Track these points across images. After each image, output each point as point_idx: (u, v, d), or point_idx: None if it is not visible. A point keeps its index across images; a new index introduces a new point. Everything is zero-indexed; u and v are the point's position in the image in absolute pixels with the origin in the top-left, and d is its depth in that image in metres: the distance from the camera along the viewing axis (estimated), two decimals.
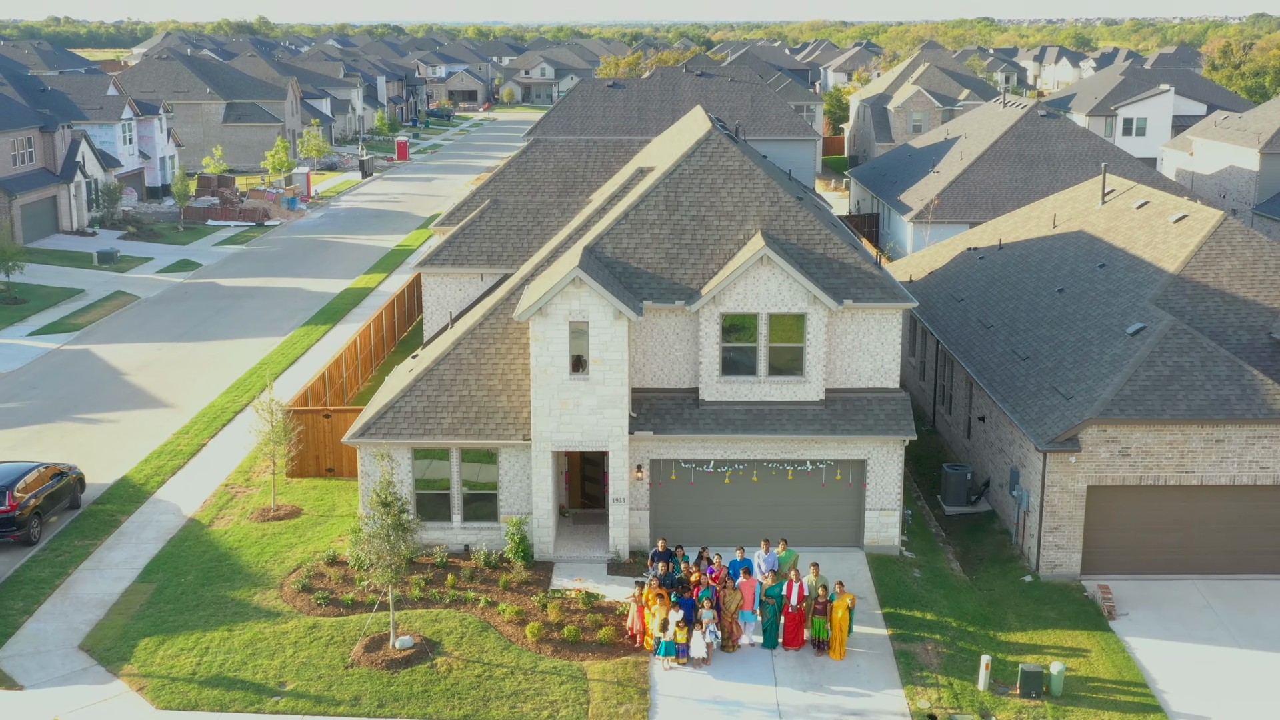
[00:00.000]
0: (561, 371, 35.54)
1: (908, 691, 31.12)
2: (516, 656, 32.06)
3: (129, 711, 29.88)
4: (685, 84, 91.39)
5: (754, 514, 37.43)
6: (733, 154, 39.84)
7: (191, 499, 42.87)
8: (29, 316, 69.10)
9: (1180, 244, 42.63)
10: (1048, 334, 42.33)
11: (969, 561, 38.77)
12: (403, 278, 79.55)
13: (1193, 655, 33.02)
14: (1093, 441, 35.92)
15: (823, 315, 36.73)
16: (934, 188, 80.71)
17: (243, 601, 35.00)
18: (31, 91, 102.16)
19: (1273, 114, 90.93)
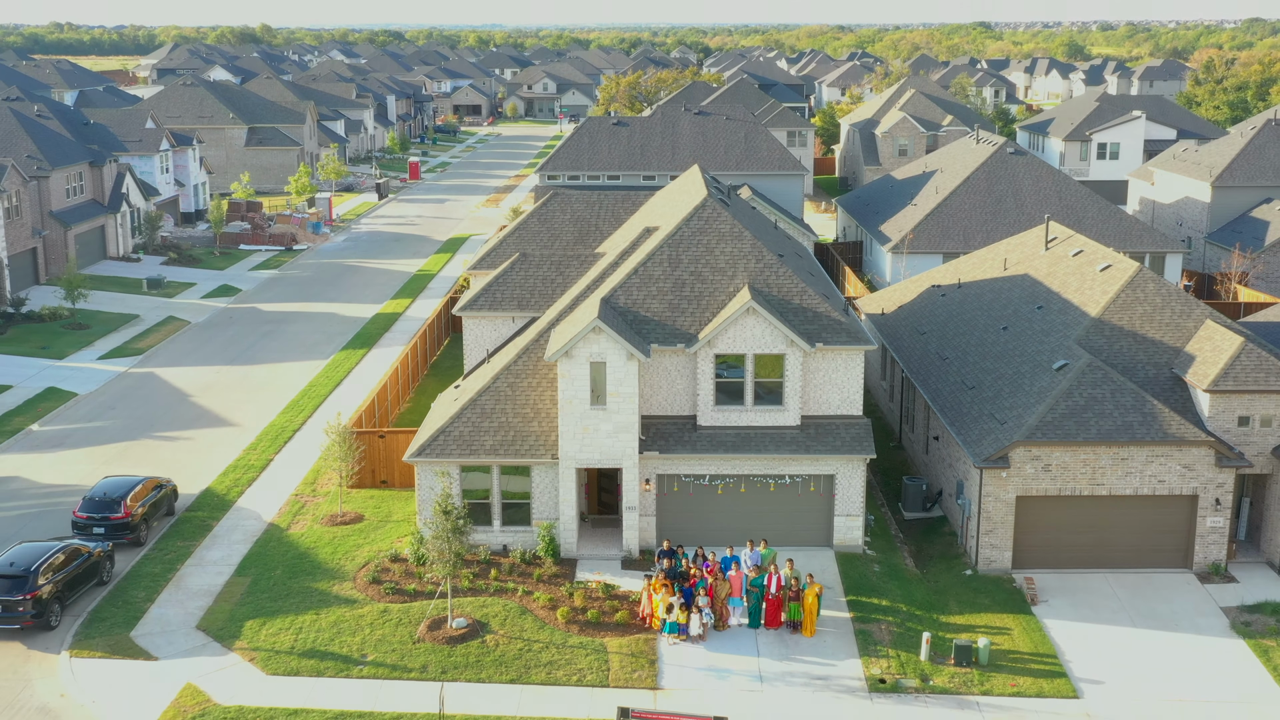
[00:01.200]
0: (583, 403, 43.41)
1: (864, 662, 38.96)
2: (550, 634, 39.90)
3: (246, 677, 37.73)
4: (684, 123, 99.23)
5: (741, 519, 45.28)
6: (724, 218, 47.74)
7: (268, 506, 50.73)
8: (94, 341, 76.90)
9: (1103, 290, 50.47)
10: (991, 366, 50.21)
11: (921, 558, 46.63)
12: (428, 304, 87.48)
13: (1096, 633, 40.87)
14: (1020, 459, 43.79)
15: (799, 355, 44.61)
16: (911, 220, 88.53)
17: (324, 591, 42.87)
18: (75, 125, 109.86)
19: (1225, 149, 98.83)
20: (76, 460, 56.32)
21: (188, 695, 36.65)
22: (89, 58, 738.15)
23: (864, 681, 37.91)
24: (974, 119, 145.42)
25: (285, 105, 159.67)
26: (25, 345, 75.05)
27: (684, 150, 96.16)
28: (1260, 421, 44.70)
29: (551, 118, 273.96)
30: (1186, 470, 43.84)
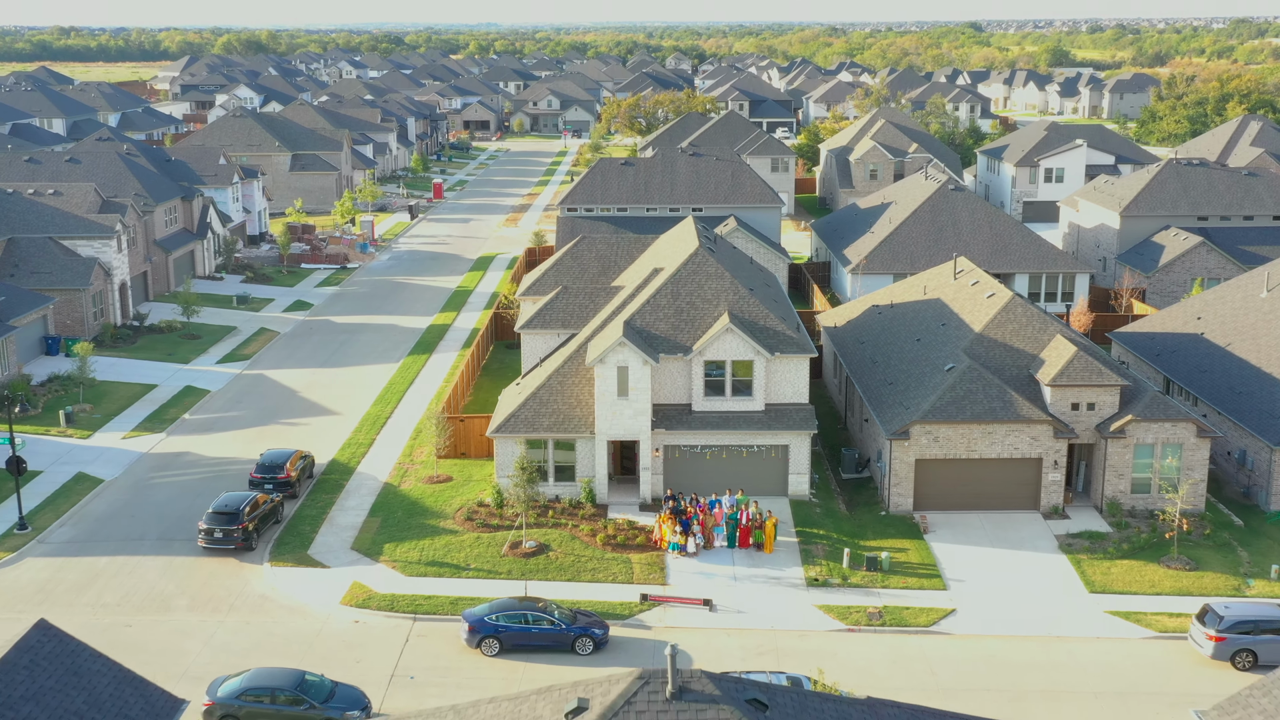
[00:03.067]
0: (612, 395, 62.38)
1: (805, 568, 57.93)
2: (592, 552, 58.84)
3: (391, 577, 56.72)
4: (680, 163, 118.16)
5: (722, 475, 64.20)
6: (710, 263, 66.79)
7: (380, 471, 69.76)
8: (208, 349, 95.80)
9: (986, 313, 69.48)
10: (905, 368, 69.24)
11: (851, 505, 65.66)
12: (471, 316, 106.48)
13: (965, 551, 59.90)
14: (918, 433, 62.82)
15: (763, 361, 63.62)
16: (868, 245, 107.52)
17: (433, 525, 61.88)
18: (160, 162, 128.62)
19: (1134, 183, 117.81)
20: (226, 440, 75.31)
21: (355, 588, 55.66)
22: (98, 64, 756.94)
23: (804, 580, 56.89)
24: (936, 146, 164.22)
25: (323, 134, 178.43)
26: (154, 352, 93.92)
27: (681, 187, 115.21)
28: (1086, 407, 63.71)
29: (555, 132, 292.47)
30: (1034, 440, 62.87)
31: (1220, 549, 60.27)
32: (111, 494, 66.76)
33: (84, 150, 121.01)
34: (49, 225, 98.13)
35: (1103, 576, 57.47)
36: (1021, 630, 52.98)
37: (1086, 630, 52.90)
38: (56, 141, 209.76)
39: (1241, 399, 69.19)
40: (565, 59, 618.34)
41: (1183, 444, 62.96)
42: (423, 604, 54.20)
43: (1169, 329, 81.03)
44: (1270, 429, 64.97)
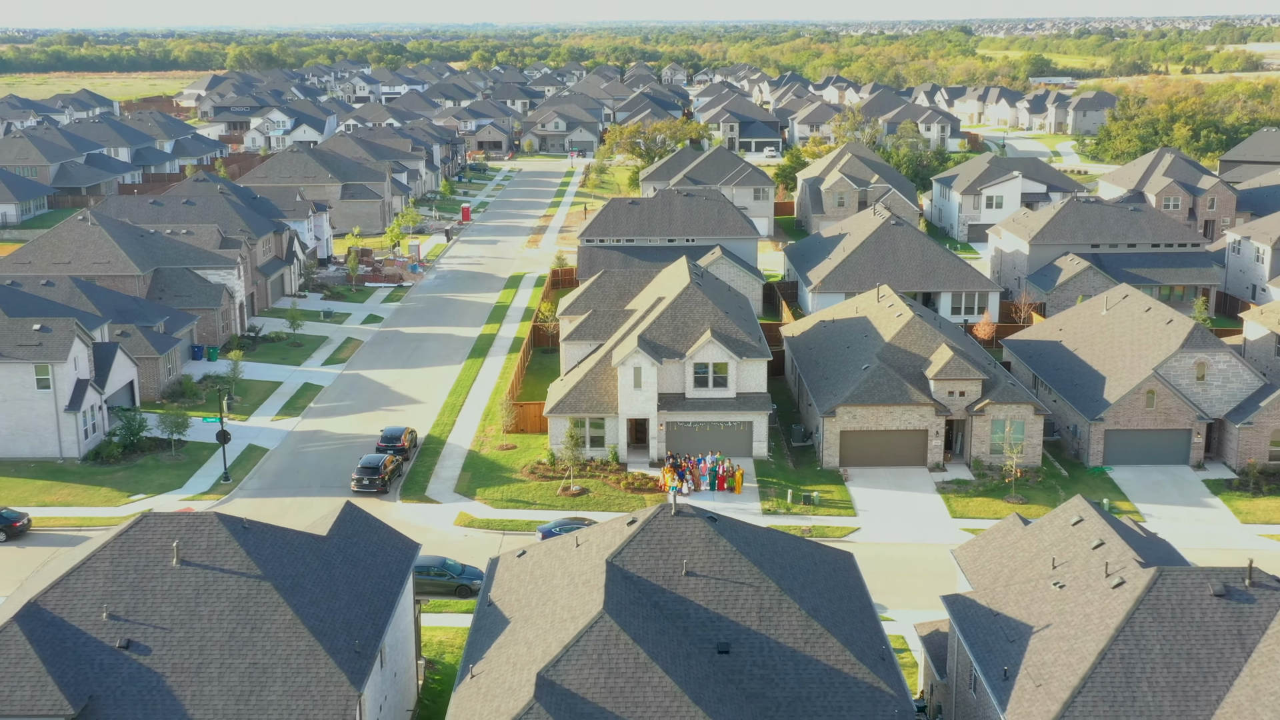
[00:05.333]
0: (631, 386, 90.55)
1: (761, 503, 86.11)
2: (618, 494, 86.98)
3: (484, 508, 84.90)
4: (677, 202, 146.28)
5: (707, 442, 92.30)
6: (699, 295, 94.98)
7: (464, 441, 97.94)
8: (312, 354, 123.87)
9: (894, 328, 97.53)
10: (836, 367, 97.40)
11: (797, 463, 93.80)
12: (512, 326, 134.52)
13: (872, 493, 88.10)
14: (841, 413, 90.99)
15: (735, 363, 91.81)
16: (825, 270, 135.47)
17: (508, 477, 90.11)
18: (247, 198, 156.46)
19: (1043, 216, 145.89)
20: (345, 423, 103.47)
21: (461, 515, 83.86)
22: (111, 74, 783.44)
23: (760, 510, 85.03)
24: (895, 178, 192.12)
25: (367, 165, 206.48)
26: (271, 357, 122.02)
27: (677, 221, 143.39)
28: (959, 394, 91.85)
29: (562, 152, 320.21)
30: (921, 417, 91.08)
31: (1046, 491, 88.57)
32: (277, 458, 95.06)
33: (197, 193, 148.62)
34: (185, 258, 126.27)
35: (962, 507, 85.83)
36: (901, 539, 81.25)
37: (944, 540, 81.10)
38: (124, 169, 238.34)
39: (1077, 389, 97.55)
40: (566, 70, 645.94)
41: (1024, 420, 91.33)
42: (508, 524, 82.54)
43: (1041, 337, 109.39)
44: (1090, 409, 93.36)
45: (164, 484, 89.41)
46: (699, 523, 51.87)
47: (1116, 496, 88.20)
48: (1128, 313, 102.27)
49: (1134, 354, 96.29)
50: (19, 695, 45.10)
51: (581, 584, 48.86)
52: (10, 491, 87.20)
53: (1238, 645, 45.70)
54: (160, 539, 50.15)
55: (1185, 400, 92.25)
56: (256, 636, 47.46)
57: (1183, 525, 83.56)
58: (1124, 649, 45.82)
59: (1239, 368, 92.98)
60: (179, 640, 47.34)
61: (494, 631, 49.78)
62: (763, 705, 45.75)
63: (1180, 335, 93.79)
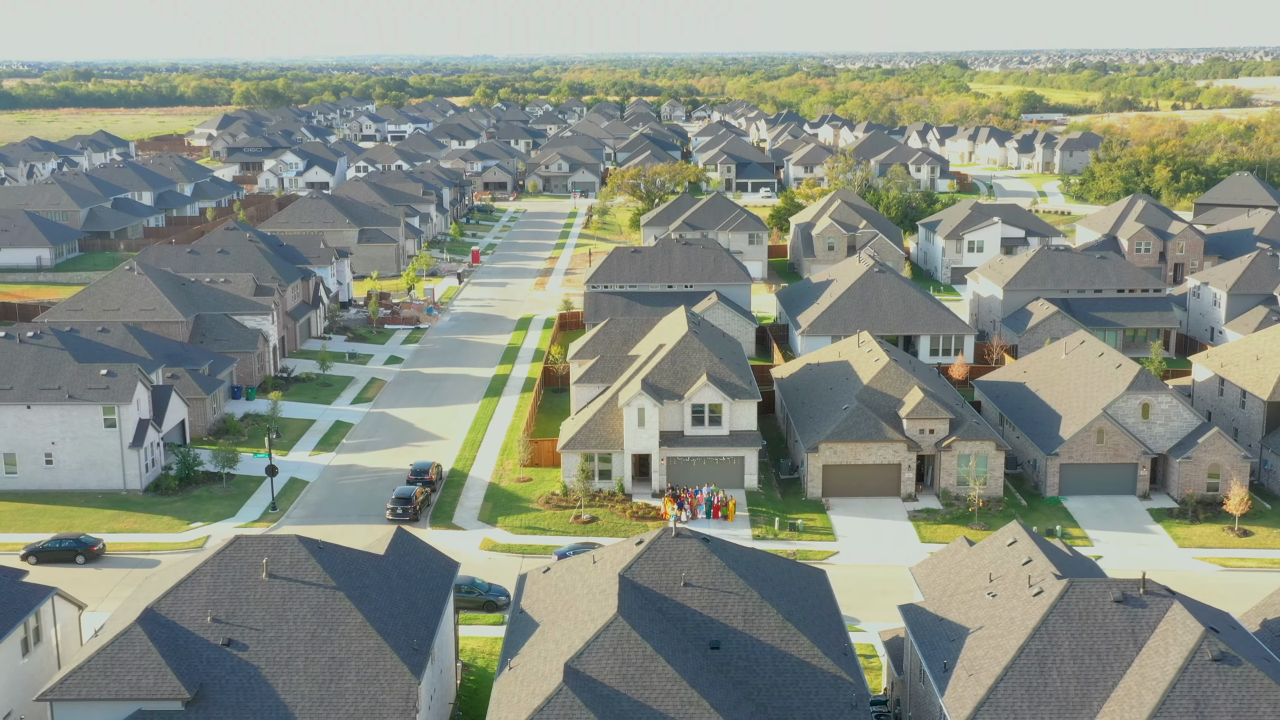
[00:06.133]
0: (635, 425, 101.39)
1: (752, 530, 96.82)
2: (624, 521, 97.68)
3: (505, 534, 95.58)
4: (676, 251, 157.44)
5: (703, 475, 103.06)
6: (696, 343, 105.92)
7: (485, 474, 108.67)
8: (340, 393, 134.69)
9: (872, 371, 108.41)
10: (821, 407, 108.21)
11: (785, 494, 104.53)
12: (524, 367, 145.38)
13: (851, 520, 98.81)
14: (824, 448, 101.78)
15: (728, 403, 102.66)
16: (814, 314, 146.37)
17: (525, 506, 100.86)
18: (276, 246, 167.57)
19: (1017, 263, 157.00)
20: (376, 457, 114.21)
21: (485, 541, 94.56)
22: (120, 110, 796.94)
23: (751, 536, 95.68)
24: (882, 223, 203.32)
25: (381, 210, 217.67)
26: (304, 397, 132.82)
27: (676, 269, 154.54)
28: (929, 431, 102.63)
29: (565, 193, 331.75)
30: (895, 453, 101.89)
31: (1007, 519, 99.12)
32: (317, 490, 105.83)
33: (229, 242, 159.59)
34: (223, 305, 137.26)
35: (930, 534, 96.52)
36: (875, 562, 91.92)
37: (913, 563, 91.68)
38: (148, 213, 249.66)
39: (1037, 426, 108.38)
40: (567, 108, 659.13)
41: (987, 455, 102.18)
42: (527, 549, 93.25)
43: (1008, 379, 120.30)
44: (1047, 444, 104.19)
45: (218, 513, 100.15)
46: (695, 543, 62.65)
47: (1069, 524, 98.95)
48: (1084, 357, 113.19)
49: (1087, 395, 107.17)
50: (144, 683, 55.71)
51: (598, 593, 59.58)
52: (83, 520, 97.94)
53: (1131, 642, 56.38)
54: (252, 556, 60.91)
55: (1132, 437, 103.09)
56: (333, 636, 58.12)
57: (1127, 550, 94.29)
58: (1039, 645, 56.50)
59: (1179, 408, 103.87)
60: (270, 639, 57.99)
61: (526, 633, 60.47)
62: (746, 691, 56.37)
63: (1127, 378, 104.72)
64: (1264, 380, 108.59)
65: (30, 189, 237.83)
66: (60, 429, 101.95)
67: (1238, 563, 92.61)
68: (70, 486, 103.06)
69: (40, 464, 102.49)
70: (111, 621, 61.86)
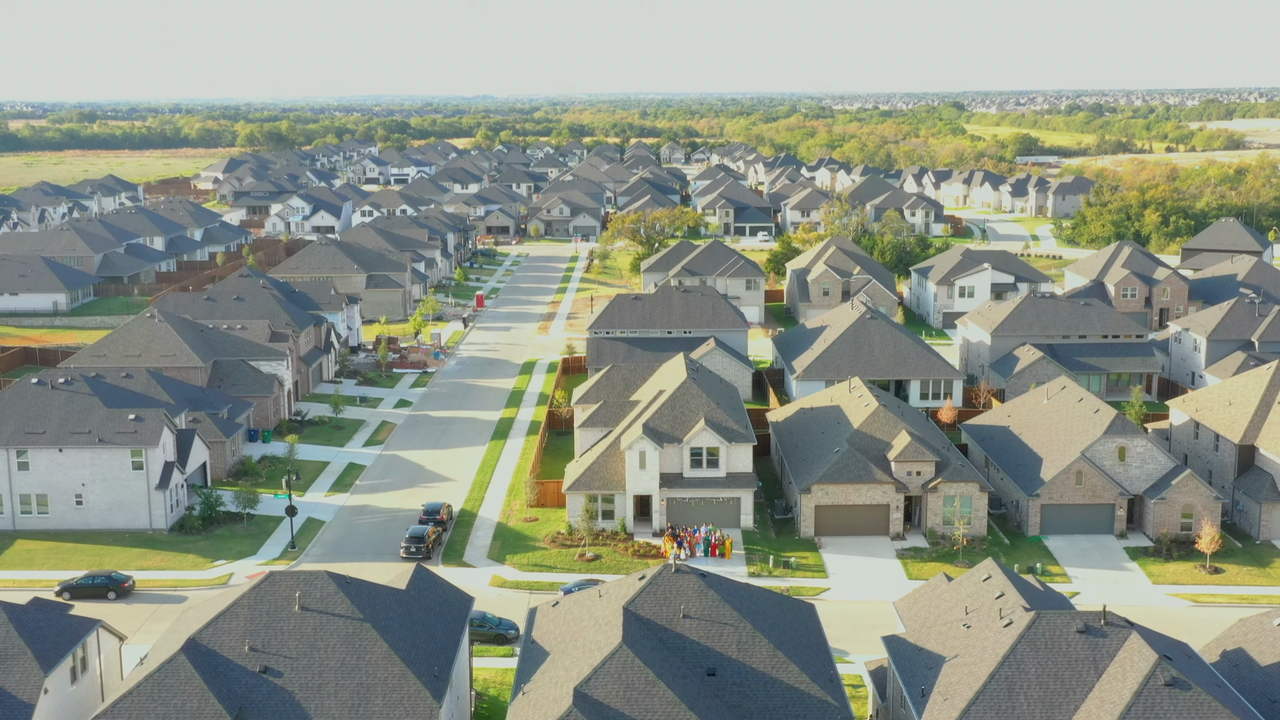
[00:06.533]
0: (637, 467, 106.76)
1: (748, 567, 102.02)
2: (626, 559, 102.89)
3: (514, 571, 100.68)
4: (675, 298, 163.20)
5: (702, 515, 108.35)
6: (694, 389, 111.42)
7: (493, 514, 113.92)
8: (353, 436, 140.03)
9: (862, 416, 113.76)
10: (813, 449, 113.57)
11: (779, 533, 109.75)
12: (529, 410, 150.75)
13: (842, 558, 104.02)
14: (816, 490, 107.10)
15: (725, 446, 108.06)
16: (808, 359, 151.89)
17: (532, 545, 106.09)
18: (288, 292, 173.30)
19: (1005, 309, 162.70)
20: (389, 498, 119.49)
21: (495, 578, 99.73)
22: (125, 152, 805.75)
23: (747, 573, 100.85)
24: (875, 268, 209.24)
25: (388, 255, 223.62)
26: (318, 439, 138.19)
27: (675, 315, 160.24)
28: (916, 473, 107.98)
29: (566, 237, 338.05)
30: (884, 494, 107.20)
31: (990, 557, 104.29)
32: (334, 529, 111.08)
33: (244, 289, 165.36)
34: (240, 351, 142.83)
35: (917, 571, 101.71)
36: (864, 598, 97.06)
37: (898, 597, 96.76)
38: (160, 258, 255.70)
39: (1020, 468, 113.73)
40: (567, 150, 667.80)
41: (971, 496, 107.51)
42: (534, 585, 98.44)
43: (993, 422, 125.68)
44: (1028, 485, 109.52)
45: (240, 551, 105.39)
46: (693, 579, 67.96)
47: (1050, 561, 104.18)
48: (1064, 402, 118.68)
49: (1067, 438, 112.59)
50: (189, 706, 60.86)
51: (604, 624, 64.84)
52: (113, 558, 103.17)
53: (1092, 669, 61.60)
54: (285, 590, 66.18)
55: (1109, 479, 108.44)
56: (361, 663, 63.31)
57: (1104, 586, 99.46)
58: (1008, 671, 61.70)
59: (1154, 451, 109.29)
60: (303, 666, 63.17)
61: (538, 661, 65.67)
62: (740, 715, 61.53)
63: (1104, 423, 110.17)
64: (1235, 424, 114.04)
65: (46, 235, 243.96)
66: (90, 471, 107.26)
67: (1208, 598, 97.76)
68: (99, 526, 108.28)
69: (71, 504, 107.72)
70: (155, 651, 67.04)
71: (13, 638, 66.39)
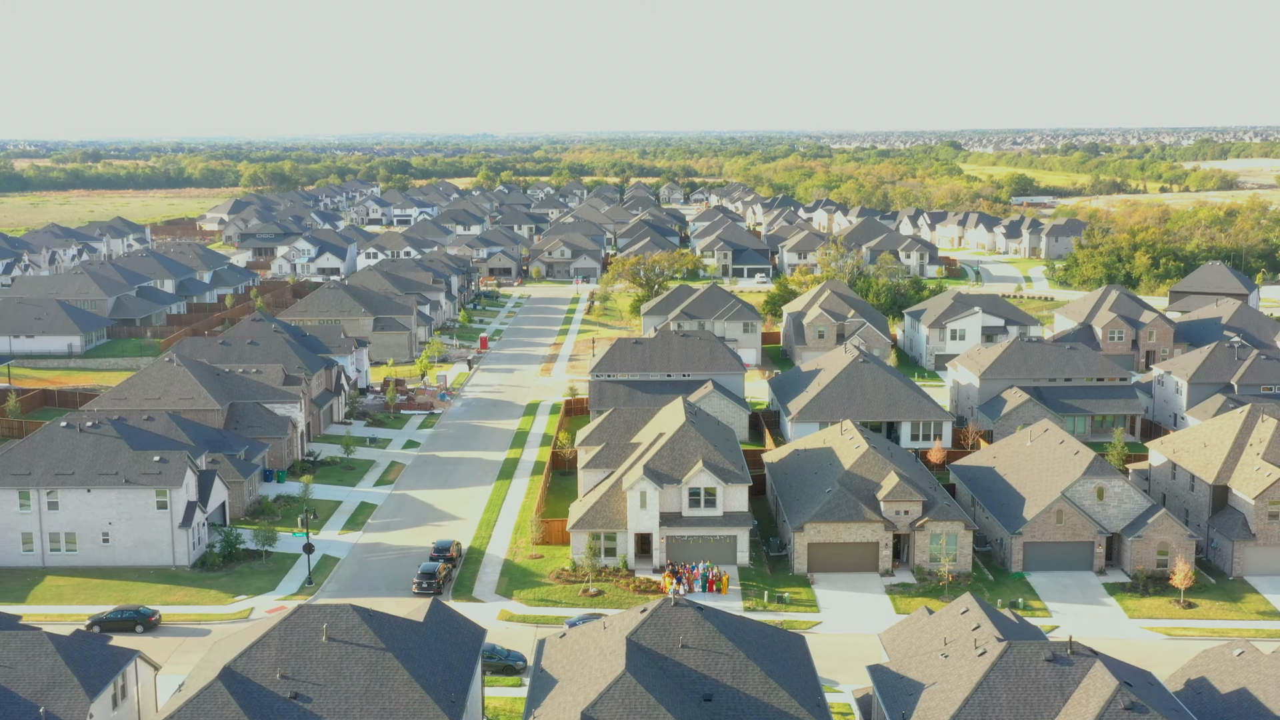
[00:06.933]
0: (638, 506, 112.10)
1: (744, 602, 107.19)
2: (628, 594, 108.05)
3: (520, 606, 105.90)
4: (675, 342, 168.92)
5: (700, 552, 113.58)
6: (693, 432, 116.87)
7: (500, 551, 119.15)
8: (364, 476, 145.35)
9: (852, 457, 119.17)
10: (806, 490, 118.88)
11: (773, 569, 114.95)
12: (533, 450, 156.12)
13: (833, 594, 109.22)
14: (808, 528, 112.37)
15: (722, 487, 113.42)
16: (802, 401, 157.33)
17: (538, 581, 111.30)
18: (299, 336, 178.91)
19: (993, 353, 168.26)
20: (400, 536, 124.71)
21: (503, 612, 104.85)
22: (129, 192, 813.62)
23: (743, 607, 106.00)
24: (869, 311, 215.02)
25: (394, 299, 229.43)
26: (330, 479, 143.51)
27: (674, 359, 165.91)
28: (904, 512, 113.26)
29: (568, 278, 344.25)
30: (873, 532, 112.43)
31: (975, 593, 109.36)
32: (348, 566, 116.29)
33: (257, 333, 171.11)
34: (255, 394, 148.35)
35: (905, 606, 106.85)
36: (854, 631, 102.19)
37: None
38: (170, 300, 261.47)
39: (1004, 507, 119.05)
40: (567, 190, 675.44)
41: (956, 534, 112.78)
42: (540, 619, 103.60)
43: (979, 463, 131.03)
44: (1012, 524, 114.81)
45: (260, 587, 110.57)
46: (691, 611, 73.28)
47: (1031, 597, 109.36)
48: (1046, 444, 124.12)
49: (1048, 479, 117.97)
50: None
51: (609, 654, 70.11)
52: (139, 593, 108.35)
53: (1059, 694, 66.82)
54: (313, 623, 71.45)
55: (1088, 517, 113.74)
56: (384, 690, 68.51)
57: (1083, 620, 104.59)
58: (981, 697, 66.93)
59: (1131, 491, 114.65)
60: (330, 693, 68.36)
61: (547, 688, 70.89)
62: None
63: (1084, 464, 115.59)
64: (1210, 466, 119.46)
65: (61, 278, 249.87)
66: (117, 510, 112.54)
67: (1181, 631, 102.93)
68: (125, 563, 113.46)
69: (98, 542, 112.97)
70: (191, 679, 72.25)
71: (60, 666, 71.64)
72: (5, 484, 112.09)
